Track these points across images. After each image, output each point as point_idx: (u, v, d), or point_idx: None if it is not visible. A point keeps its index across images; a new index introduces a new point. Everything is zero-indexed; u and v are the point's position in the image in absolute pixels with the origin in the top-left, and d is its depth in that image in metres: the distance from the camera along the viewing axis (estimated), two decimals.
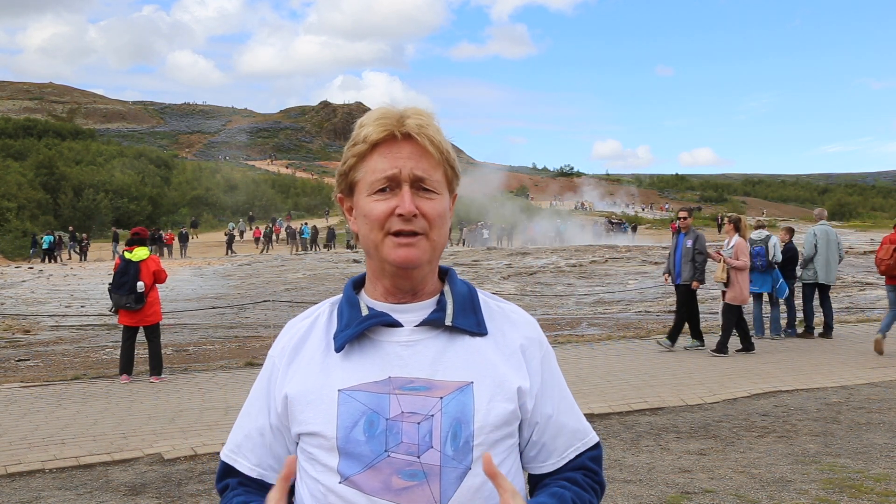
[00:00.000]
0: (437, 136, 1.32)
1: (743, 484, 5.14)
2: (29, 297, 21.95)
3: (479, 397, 1.29)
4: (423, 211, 1.30)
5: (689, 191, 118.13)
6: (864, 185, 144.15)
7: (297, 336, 1.39)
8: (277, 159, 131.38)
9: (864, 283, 21.34)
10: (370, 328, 1.33)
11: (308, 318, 1.41)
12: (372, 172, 1.31)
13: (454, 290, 1.39)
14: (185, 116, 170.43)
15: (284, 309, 17.39)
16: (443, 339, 1.34)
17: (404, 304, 1.36)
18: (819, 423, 6.77)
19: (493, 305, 1.42)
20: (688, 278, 10.67)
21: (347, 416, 1.27)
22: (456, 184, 1.38)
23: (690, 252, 10.64)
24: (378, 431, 1.26)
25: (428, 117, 1.33)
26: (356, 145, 1.33)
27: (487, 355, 1.34)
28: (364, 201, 1.32)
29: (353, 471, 1.26)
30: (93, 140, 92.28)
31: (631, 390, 8.14)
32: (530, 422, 1.37)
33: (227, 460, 1.42)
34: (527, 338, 1.40)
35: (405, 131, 1.31)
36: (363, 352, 1.32)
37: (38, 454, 6.08)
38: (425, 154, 1.31)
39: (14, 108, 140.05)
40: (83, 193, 61.22)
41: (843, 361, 9.66)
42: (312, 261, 34.68)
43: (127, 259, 9.23)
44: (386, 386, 1.29)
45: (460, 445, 1.27)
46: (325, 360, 1.33)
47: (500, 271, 27.66)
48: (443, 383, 1.29)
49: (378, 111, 1.34)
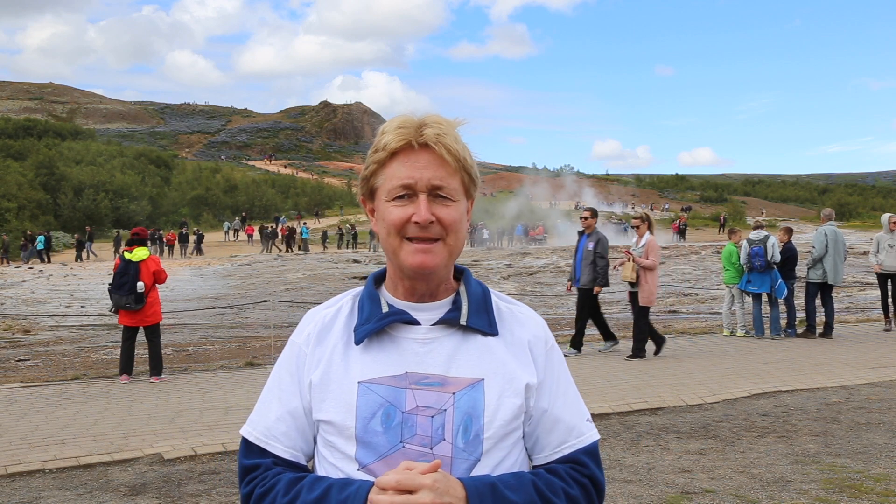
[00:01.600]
0: (454, 145, 1.37)
1: (743, 484, 5.14)
2: (29, 297, 21.95)
3: (489, 393, 1.36)
4: (439, 217, 1.36)
5: (689, 191, 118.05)
6: (864, 185, 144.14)
7: (321, 324, 1.45)
8: (275, 159, 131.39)
9: (864, 283, 21.36)
10: (389, 324, 1.39)
11: (332, 308, 1.48)
12: (390, 179, 1.37)
13: (469, 291, 1.45)
14: (185, 116, 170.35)
15: (284, 309, 17.39)
16: (457, 338, 1.40)
17: (423, 303, 1.42)
18: (819, 423, 6.77)
19: (504, 307, 1.48)
20: (587, 282, 10.25)
21: (366, 408, 1.35)
22: (474, 189, 1.44)
23: (591, 255, 10.21)
24: (394, 423, 1.33)
25: (447, 125, 1.38)
26: (377, 152, 1.39)
27: (498, 354, 1.40)
28: (383, 206, 1.39)
29: (370, 459, 1.34)
30: (93, 140, 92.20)
31: (631, 390, 8.14)
32: (527, 414, 1.41)
33: (259, 443, 1.43)
34: (534, 335, 1.46)
35: (423, 141, 1.36)
36: (382, 347, 1.39)
37: (38, 454, 6.08)
38: (442, 163, 1.36)
39: (14, 108, 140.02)
40: (83, 193, 61.18)
41: (843, 361, 9.66)
42: (312, 261, 34.67)
43: (127, 259, 9.23)
44: (403, 380, 1.36)
45: (471, 438, 1.34)
46: (346, 352, 1.40)
47: (500, 271, 27.67)
48: (456, 380, 1.37)
49: (399, 119, 1.40)
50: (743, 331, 12.06)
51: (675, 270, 26.40)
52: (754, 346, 11.14)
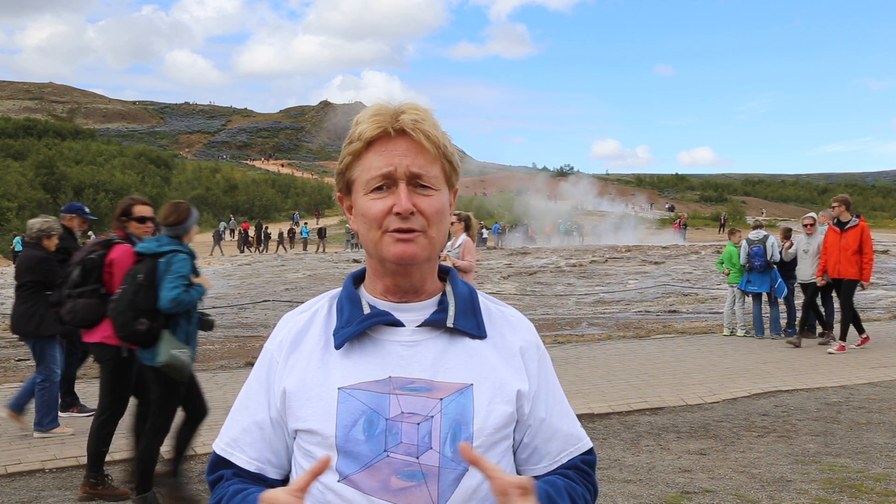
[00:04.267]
0: (433, 132, 1.30)
1: (743, 484, 5.14)
2: None
3: (478, 400, 1.30)
4: (420, 208, 1.29)
5: (689, 190, 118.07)
6: (864, 185, 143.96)
7: (295, 329, 1.37)
8: (273, 158, 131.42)
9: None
10: (371, 326, 1.32)
11: (306, 312, 1.40)
12: (368, 171, 1.30)
13: (455, 292, 1.38)
14: (185, 116, 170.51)
15: (284, 308, 17.38)
16: (443, 341, 1.33)
17: (405, 302, 1.35)
18: (819, 423, 6.77)
19: (493, 308, 1.42)
20: None
21: (347, 415, 1.27)
22: (455, 178, 1.37)
23: None
24: (377, 431, 1.26)
25: (424, 112, 1.31)
26: (352, 143, 1.32)
27: (487, 358, 1.33)
28: (361, 200, 1.32)
29: (352, 470, 1.26)
30: (93, 140, 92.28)
31: (631, 390, 8.14)
32: (524, 424, 1.36)
33: (223, 454, 1.38)
34: (526, 341, 1.40)
35: (399, 127, 1.29)
36: (364, 350, 1.31)
37: (38, 454, 6.08)
38: (421, 150, 1.30)
39: (14, 108, 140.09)
40: (83, 193, 61.16)
41: (843, 361, 9.65)
42: (312, 260, 34.67)
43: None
44: (386, 386, 1.28)
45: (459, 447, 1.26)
46: (325, 357, 1.32)
47: (500, 271, 27.66)
48: (443, 385, 1.29)
49: (373, 108, 1.33)
50: (743, 331, 12.05)
51: (675, 270, 26.41)
52: (754, 346, 11.13)
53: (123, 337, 4.72)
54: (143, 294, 4.62)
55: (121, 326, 4.67)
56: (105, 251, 5.16)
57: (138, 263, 4.76)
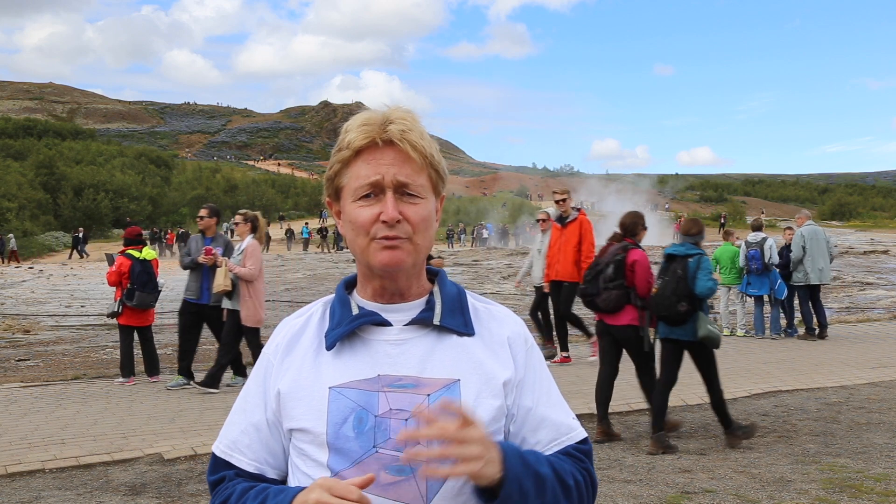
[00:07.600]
0: (419, 141, 1.33)
1: (743, 484, 5.14)
2: (29, 297, 21.94)
3: (466, 394, 1.33)
4: (406, 216, 1.32)
5: (689, 190, 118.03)
6: (864, 184, 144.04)
7: (290, 333, 1.42)
8: (271, 158, 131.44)
9: (864, 283, 21.33)
10: (361, 327, 1.36)
11: (301, 317, 1.44)
12: (356, 178, 1.33)
13: (443, 291, 1.42)
14: (185, 116, 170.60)
15: (284, 309, 17.38)
16: (431, 338, 1.36)
17: (393, 304, 1.39)
18: (819, 423, 6.77)
19: (480, 307, 1.44)
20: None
21: (337, 413, 1.31)
22: (442, 186, 1.39)
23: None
24: (367, 428, 1.29)
25: (412, 121, 1.34)
26: (341, 151, 1.35)
27: (475, 354, 1.36)
28: (350, 207, 1.35)
29: (342, 466, 1.30)
30: (93, 140, 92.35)
31: (631, 390, 8.12)
32: (508, 413, 1.38)
33: (224, 456, 1.42)
34: (514, 332, 1.42)
35: (387, 138, 1.32)
36: (353, 350, 1.35)
37: (38, 454, 6.08)
38: (408, 160, 1.32)
39: (14, 108, 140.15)
40: (83, 193, 61.20)
41: (843, 361, 9.66)
42: (312, 261, 34.67)
43: (140, 259, 9.15)
44: (375, 384, 1.32)
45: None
46: (317, 358, 1.36)
47: (500, 271, 27.65)
48: (430, 381, 1.32)
49: (362, 116, 1.36)
50: (743, 331, 12.06)
51: None
52: (754, 346, 11.14)
53: (665, 317, 6.05)
54: (682, 285, 5.94)
55: (665, 308, 6.00)
56: (625, 254, 6.31)
57: (672, 262, 6.11)
